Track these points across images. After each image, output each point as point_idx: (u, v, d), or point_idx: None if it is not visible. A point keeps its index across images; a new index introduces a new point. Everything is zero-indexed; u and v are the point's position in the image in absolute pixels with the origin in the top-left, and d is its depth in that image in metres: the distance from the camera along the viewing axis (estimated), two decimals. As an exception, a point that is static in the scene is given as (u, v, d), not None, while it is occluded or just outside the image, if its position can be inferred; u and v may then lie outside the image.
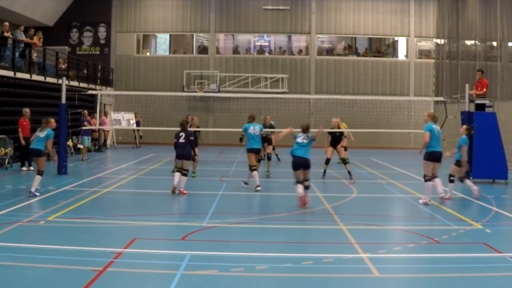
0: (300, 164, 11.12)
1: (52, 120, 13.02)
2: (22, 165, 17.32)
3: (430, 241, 8.56)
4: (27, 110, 17.60)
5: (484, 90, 16.61)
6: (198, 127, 16.98)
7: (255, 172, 13.51)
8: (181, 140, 12.89)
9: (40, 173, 12.38)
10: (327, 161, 16.77)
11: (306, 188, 11.24)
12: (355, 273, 6.90)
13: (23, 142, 17.10)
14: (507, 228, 9.93)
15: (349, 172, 16.17)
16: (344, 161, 16.52)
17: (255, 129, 13.64)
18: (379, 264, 7.22)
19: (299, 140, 11.31)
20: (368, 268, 7.02)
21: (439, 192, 11.88)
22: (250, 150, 13.60)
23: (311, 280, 6.52)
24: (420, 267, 7.33)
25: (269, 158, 17.37)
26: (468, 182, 13.14)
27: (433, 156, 11.83)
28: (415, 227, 9.76)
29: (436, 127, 12.08)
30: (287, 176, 17.12)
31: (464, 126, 13.28)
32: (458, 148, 13.03)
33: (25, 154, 17.47)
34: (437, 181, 11.89)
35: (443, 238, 8.70)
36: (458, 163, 12.90)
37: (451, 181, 12.89)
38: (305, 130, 11.44)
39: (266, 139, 16.70)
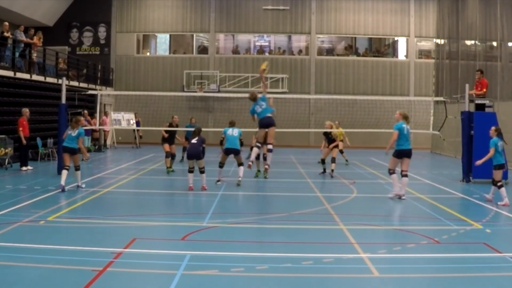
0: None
1: (82, 119, 14.38)
2: (22, 165, 17.28)
3: (430, 241, 8.56)
4: (26, 110, 17.59)
5: (484, 90, 16.61)
6: (177, 125, 18.21)
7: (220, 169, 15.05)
8: (193, 141, 13.61)
9: (77, 168, 13.49)
10: (323, 161, 17.21)
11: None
12: (355, 273, 6.90)
13: (24, 141, 17.10)
14: (507, 228, 9.93)
15: (332, 170, 16.70)
16: (333, 160, 16.89)
17: (233, 131, 14.91)
18: (379, 264, 7.22)
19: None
20: (368, 268, 7.02)
21: (394, 189, 12.59)
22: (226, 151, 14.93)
23: (311, 280, 6.52)
24: (420, 267, 7.33)
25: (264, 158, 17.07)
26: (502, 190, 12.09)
27: (401, 154, 12.50)
28: (415, 227, 9.76)
29: (406, 126, 12.49)
30: (287, 176, 17.13)
31: (493, 128, 12.52)
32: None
33: (25, 154, 17.46)
34: (394, 176, 12.59)
35: (443, 238, 8.70)
36: (496, 167, 12.19)
37: (500, 186, 12.08)
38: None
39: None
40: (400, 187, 12.55)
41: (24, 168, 17.13)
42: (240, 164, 14.89)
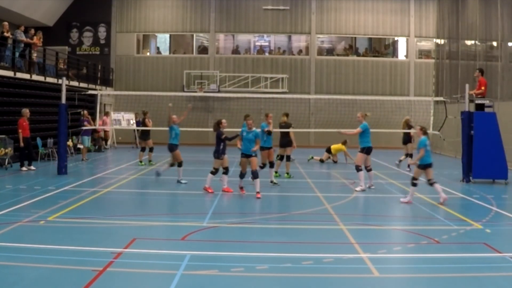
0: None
1: (174, 116, 15.60)
2: (22, 166, 17.25)
3: (430, 241, 8.56)
4: (26, 111, 17.56)
5: (483, 88, 16.55)
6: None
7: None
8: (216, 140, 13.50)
9: (180, 164, 14.91)
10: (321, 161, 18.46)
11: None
12: (355, 273, 6.90)
13: (22, 143, 17.00)
14: (507, 228, 9.93)
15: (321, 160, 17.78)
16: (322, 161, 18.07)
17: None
18: (379, 264, 7.22)
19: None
20: (368, 268, 7.02)
21: (360, 185, 13.42)
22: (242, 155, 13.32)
23: (311, 280, 6.52)
24: (420, 267, 7.33)
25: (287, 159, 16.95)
26: (437, 186, 12.20)
27: (369, 150, 13.91)
28: (415, 227, 9.76)
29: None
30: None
31: (418, 127, 12.49)
32: (418, 150, 12.25)
33: (24, 154, 17.42)
34: (362, 174, 13.70)
35: (443, 238, 8.70)
36: (421, 166, 12.09)
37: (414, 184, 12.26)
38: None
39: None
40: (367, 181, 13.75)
41: (24, 168, 17.10)
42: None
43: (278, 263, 7.17)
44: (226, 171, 13.46)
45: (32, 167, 17.25)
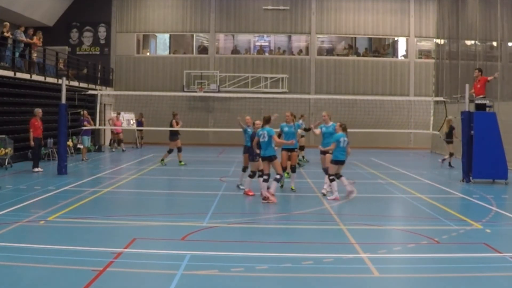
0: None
1: (247, 117, 13.70)
2: (35, 166, 16.77)
3: (430, 241, 8.56)
4: (39, 111, 17.17)
5: (484, 81, 16.50)
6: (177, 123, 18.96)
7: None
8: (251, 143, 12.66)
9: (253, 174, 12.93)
10: None
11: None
12: (355, 273, 6.90)
13: (32, 143, 16.74)
14: (507, 228, 9.93)
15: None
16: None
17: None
18: (379, 264, 7.22)
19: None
20: (368, 268, 7.02)
21: (335, 193, 12.45)
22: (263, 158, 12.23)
23: (311, 280, 6.52)
24: (420, 267, 7.33)
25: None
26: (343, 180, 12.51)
27: (338, 163, 12.58)
28: (415, 227, 9.76)
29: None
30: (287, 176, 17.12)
31: (338, 124, 12.76)
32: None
33: (36, 154, 17.13)
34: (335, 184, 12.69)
35: (443, 238, 8.70)
36: (333, 162, 12.40)
37: (332, 180, 12.46)
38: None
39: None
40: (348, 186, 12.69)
41: (36, 169, 16.69)
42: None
43: (278, 263, 7.17)
44: (253, 174, 12.69)
45: (40, 168, 16.84)
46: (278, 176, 12.01)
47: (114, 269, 6.79)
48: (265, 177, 11.89)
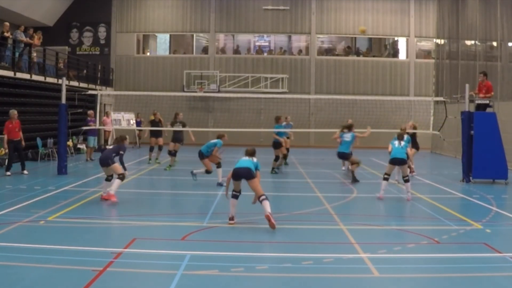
0: None
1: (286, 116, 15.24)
2: (7, 170, 16.04)
3: (430, 241, 8.56)
4: (14, 112, 16.28)
5: (492, 93, 16.63)
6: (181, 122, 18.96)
7: None
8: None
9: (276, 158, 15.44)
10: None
11: None
12: (355, 273, 6.90)
13: (6, 147, 16.07)
14: (507, 228, 9.93)
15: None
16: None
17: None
18: (379, 264, 7.22)
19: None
20: (368, 268, 7.02)
21: None
22: None
23: (311, 280, 6.52)
24: (420, 267, 7.33)
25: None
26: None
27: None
28: (415, 227, 9.76)
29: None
30: (288, 176, 17.13)
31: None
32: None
33: (16, 158, 16.56)
34: None
35: (443, 238, 8.70)
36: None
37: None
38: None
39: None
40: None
41: (8, 173, 15.92)
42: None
43: (278, 263, 7.17)
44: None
45: (9, 173, 15.91)
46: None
47: (114, 269, 6.78)
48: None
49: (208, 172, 14.33)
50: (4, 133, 16.19)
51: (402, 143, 12.71)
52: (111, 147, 12.42)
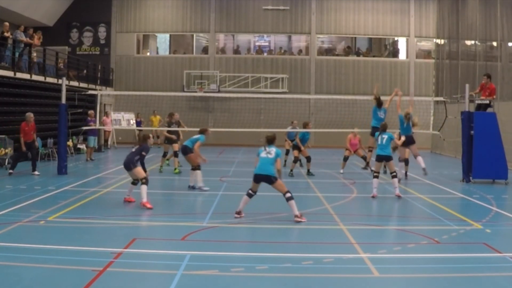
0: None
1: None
2: (12, 168, 16.15)
3: (430, 241, 8.56)
4: (31, 115, 16.57)
5: (494, 97, 16.64)
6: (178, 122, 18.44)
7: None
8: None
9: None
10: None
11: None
12: (355, 273, 6.90)
13: (24, 148, 16.21)
14: (507, 228, 9.93)
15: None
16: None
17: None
18: (379, 264, 7.22)
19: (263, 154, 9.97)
20: (368, 268, 7.02)
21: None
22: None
23: (311, 280, 6.52)
24: (420, 267, 7.33)
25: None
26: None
27: None
28: (415, 227, 9.76)
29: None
30: (288, 176, 17.13)
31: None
32: None
33: (19, 158, 16.73)
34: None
35: (443, 238, 8.70)
36: None
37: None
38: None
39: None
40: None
41: (11, 171, 16.05)
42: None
43: (278, 263, 7.17)
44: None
45: (11, 171, 16.07)
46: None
47: (114, 269, 6.78)
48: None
49: (196, 168, 13.67)
50: (21, 135, 16.31)
51: (385, 137, 12.79)
52: (133, 149, 11.92)
